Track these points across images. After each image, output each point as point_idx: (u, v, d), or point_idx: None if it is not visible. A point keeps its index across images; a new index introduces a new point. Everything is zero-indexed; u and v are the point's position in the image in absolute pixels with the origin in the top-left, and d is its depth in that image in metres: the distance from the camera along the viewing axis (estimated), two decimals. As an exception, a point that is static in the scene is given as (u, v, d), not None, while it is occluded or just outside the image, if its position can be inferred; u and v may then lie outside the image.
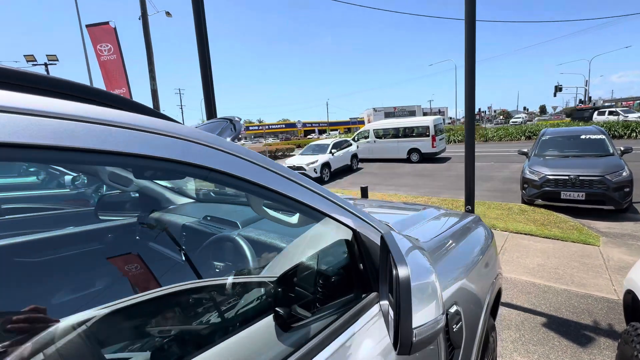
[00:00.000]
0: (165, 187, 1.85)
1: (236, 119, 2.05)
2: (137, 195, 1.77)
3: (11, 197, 1.81)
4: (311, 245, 0.86)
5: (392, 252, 0.65)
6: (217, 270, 1.05)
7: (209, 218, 1.45)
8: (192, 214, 1.64)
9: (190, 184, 2.04)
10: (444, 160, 14.16)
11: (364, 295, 0.81)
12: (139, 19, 10.02)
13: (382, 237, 0.75)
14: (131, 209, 1.78)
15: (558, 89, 37.04)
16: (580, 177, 5.72)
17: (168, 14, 13.23)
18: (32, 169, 2.13)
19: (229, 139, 2.27)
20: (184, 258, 1.23)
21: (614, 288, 3.12)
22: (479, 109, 61.11)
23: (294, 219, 0.90)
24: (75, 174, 2.18)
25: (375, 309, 0.79)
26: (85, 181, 2.11)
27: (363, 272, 0.82)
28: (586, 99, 43.97)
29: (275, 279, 0.84)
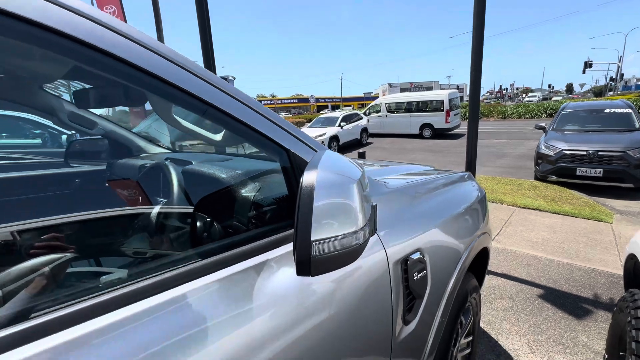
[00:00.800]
0: (138, 135, 1.77)
1: (230, 77, 1.90)
2: (107, 141, 1.69)
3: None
4: (244, 173, 0.75)
5: (309, 163, 0.54)
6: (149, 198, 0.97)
7: (167, 160, 1.36)
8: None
9: (166, 134, 1.94)
10: (458, 136, 13.65)
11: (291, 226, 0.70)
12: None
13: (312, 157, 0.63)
14: (101, 156, 1.72)
15: (588, 65, 34.64)
16: (600, 153, 5.37)
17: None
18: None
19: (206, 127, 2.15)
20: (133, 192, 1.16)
21: (621, 264, 2.95)
22: (500, 86, 58.36)
23: (218, 136, 0.79)
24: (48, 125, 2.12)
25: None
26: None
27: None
28: (617, 77, 41.09)
29: (201, 204, 0.75)
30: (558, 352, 1.90)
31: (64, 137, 2.78)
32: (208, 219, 0.70)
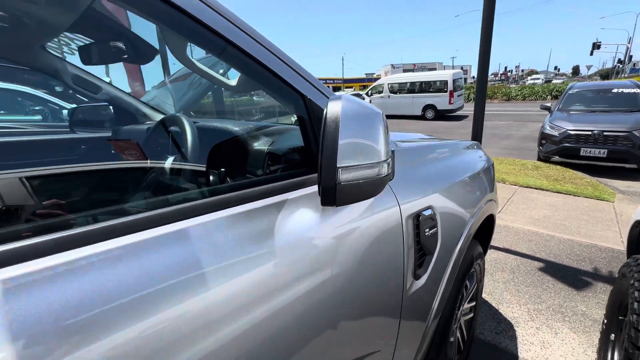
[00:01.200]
0: (143, 102, 1.74)
1: None
2: (112, 108, 1.67)
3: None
4: (258, 127, 0.74)
5: (331, 97, 0.52)
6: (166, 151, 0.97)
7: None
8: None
9: (170, 104, 1.92)
10: (461, 118, 13.51)
11: (307, 173, 0.70)
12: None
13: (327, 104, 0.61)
14: (105, 123, 1.70)
15: (596, 46, 33.78)
16: (605, 133, 5.32)
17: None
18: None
19: (221, 71, 2.09)
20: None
21: (621, 240, 2.98)
22: (505, 68, 57.21)
23: (233, 81, 0.77)
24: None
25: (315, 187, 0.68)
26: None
27: (312, 147, 0.70)
28: (626, 59, 40.16)
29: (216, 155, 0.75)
30: (557, 320, 1.95)
31: (65, 112, 2.75)
32: (227, 164, 0.69)
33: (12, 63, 1.34)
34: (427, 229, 0.91)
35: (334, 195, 0.50)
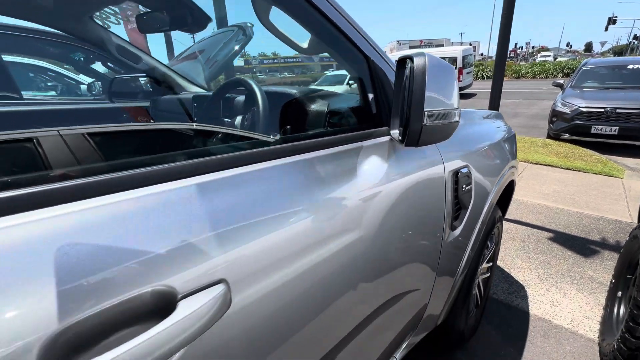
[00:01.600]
0: (178, 74, 1.80)
1: (248, 24, 1.88)
2: (148, 78, 1.74)
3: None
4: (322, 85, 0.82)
5: (414, 53, 0.60)
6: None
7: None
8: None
9: (201, 74, 1.98)
10: (469, 96, 13.32)
11: (373, 128, 0.78)
12: None
13: (400, 60, 0.69)
14: (143, 93, 1.77)
15: (612, 21, 32.48)
16: (618, 110, 5.29)
17: None
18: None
19: (237, 47, 2.12)
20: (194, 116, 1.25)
21: (629, 213, 3.08)
22: (515, 44, 55.33)
23: (305, 43, 0.85)
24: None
25: (384, 139, 0.77)
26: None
27: (375, 107, 0.78)
28: (642, 35, 38.63)
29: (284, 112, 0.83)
30: (565, 282, 2.08)
31: (83, 87, 2.79)
32: (297, 120, 0.78)
33: (63, 34, 1.40)
34: (464, 185, 1.01)
35: (418, 136, 0.59)
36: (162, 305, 0.37)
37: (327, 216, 0.60)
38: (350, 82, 12.33)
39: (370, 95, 0.81)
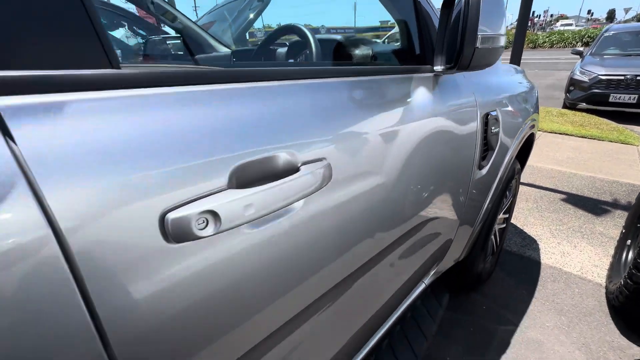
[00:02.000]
0: (210, 35, 1.86)
1: None
2: (182, 39, 1.80)
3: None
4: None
5: None
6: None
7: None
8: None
9: (229, 35, 2.03)
10: (483, 67, 12.94)
11: (418, 66, 0.87)
12: None
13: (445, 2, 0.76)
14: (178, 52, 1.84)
15: (639, -15, 30.33)
16: (638, 77, 5.16)
17: None
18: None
19: (252, 15, 2.15)
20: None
21: (643, 177, 3.12)
22: (533, 12, 52.55)
23: None
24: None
25: (428, 74, 0.85)
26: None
27: (419, 47, 0.86)
28: (671, 0, 36.08)
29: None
30: (576, 237, 2.19)
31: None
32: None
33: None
34: (493, 127, 1.10)
35: (470, 60, 0.67)
36: (289, 167, 0.50)
37: (383, 126, 0.70)
38: (387, 40, 12.12)
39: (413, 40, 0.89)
